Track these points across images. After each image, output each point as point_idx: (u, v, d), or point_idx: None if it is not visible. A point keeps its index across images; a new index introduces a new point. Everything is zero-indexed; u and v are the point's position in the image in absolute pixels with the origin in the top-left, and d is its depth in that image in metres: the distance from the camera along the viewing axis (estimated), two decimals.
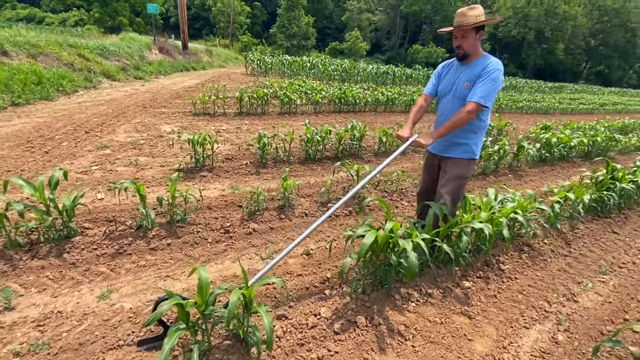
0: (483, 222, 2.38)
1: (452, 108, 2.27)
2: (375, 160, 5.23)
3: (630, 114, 17.16)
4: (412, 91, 11.70)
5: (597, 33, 53.71)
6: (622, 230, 3.69)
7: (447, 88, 2.33)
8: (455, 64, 2.35)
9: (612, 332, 2.17)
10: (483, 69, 2.15)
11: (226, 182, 3.82)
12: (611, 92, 33.54)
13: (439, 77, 2.43)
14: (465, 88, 2.20)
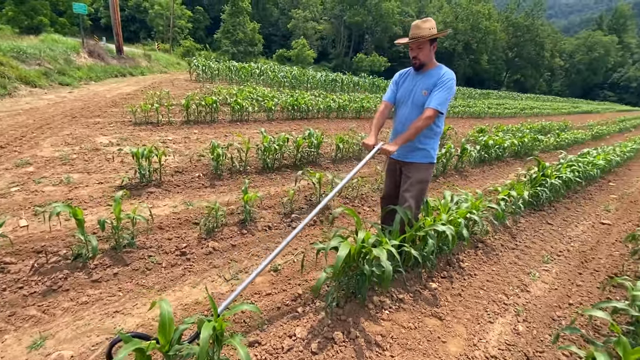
0: (445, 224, 2.47)
1: (410, 114, 2.37)
2: (333, 167, 5.25)
3: (544, 116, 19.70)
4: (360, 98, 12.08)
5: (513, 46, 61.20)
6: (554, 221, 4.14)
7: (405, 95, 2.42)
8: (412, 73, 2.45)
9: (561, 317, 2.38)
10: (438, 78, 2.26)
11: (178, 198, 3.51)
12: (528, 97, 38.28)
13: (397, 84, 2.52)
14: (423, 96, 2.29)
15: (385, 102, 2.52)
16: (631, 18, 74.69)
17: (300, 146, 4.82)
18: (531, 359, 1.98)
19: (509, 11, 61.33)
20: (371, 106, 10.70)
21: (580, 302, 2.57)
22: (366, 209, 3.88)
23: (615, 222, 4.39)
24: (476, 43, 53.23)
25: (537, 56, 61.70)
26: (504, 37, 58.08)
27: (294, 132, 7.25)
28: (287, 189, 4.14)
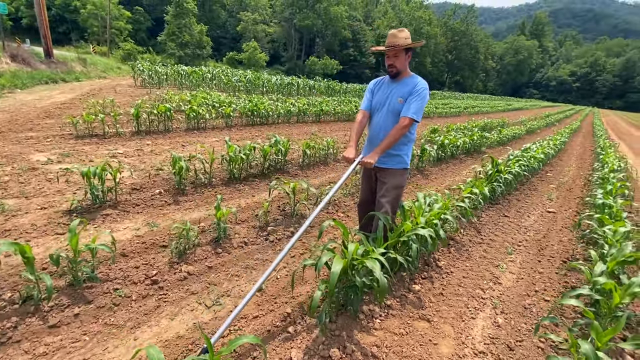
0: (425, 227, 2.54)
1: (385, 120, 2.42)
2: (302, 174, 5.19)
3: (484, 114, 21.52)
4: (319, 102, 12.16)
5: (452, 50, 66.20)
6: (509, 213, 4.51)
7: (381, 102, 2.46)
8: (387, 81, 2.50)
9: (531, 305, 2.57)
10: (413, 87, 2.33)
11: (139, 219, 3.20)
12: (468, 97, 41.57)
13: (372, 93, 2.56)
14: (399, 103, 2.35)
15: (363, 111, 2.54)
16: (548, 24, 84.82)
17: (267, 154, 4.69)
18: (514, 349, 2.10)
19: (446, 17, 66.20)
20: (330, 109, 10.82)
21: (544, 289, 2.81)
22: (340, 214, 3.88)
23: (558, 209, 4.89)
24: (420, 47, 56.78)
25: (473, 59, 67.45)
26: (444, 41, 62.53)
27: (256, 138, 7.06)
28: (257, 200, 4.00)
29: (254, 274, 2.58)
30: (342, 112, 11.27)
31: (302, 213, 3.67)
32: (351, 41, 52.10)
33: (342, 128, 10.03)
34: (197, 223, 3.21)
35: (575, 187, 6.30)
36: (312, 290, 2.42)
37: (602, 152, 8.43)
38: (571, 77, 79.66)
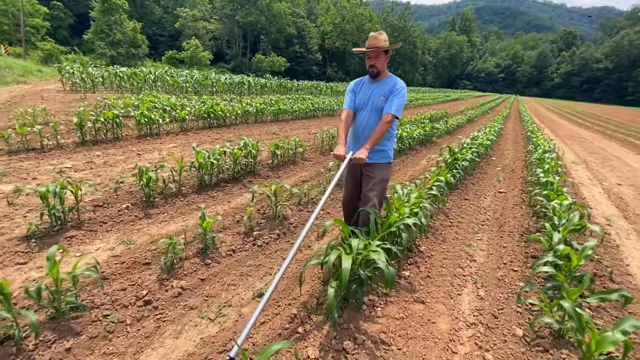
0: (410, 217, 2.72)
1: (369, 118, 2.58)
2: (273, 175, 5.15)
3: (428, 106, 23.01)
4: (275, 100, 12.04)
5: None
6: (469, 197, 4.96)
7: (363, 101, 2.61)
8: (367, 81, 2.66)
9: (503, 276, 2.90)
10: (393, 86, 2.51)
11: (111, 237, 2.96)
12: (411, 90, 43.94)
13: (354, 92, 2.70)
14: (381, 102, 2.52)
15: (348, 110, 2.65)
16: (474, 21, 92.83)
17: (238, 158, 4.57)
18: (498, 317, 2.37)
19: (385, 14, 69.05)
20: (288, 108, 10.78)
21: (511, 261, 3.17)
22: (320, 212, 3.95)
23: (507, 190, 5.50)
24: (363, 43, 58.43)
25: (412, 54, 71.34)
26: None
27: (216, 142, 6.82)
28: (235, 205, 3.90)
29: (251, 281, 2.55)
30: (300, 110, 11.30)
31: (284, 215, 3.67)
32: (296, 38, 52.01)
33: (302, 126, 10.07)
34: (177, 235, 3.05)
35: (516, 168, 7.10)
36: (312, 290, 2.47)
37: (533, 136, 9.57)
38: (496, 68, 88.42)
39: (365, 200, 2.63)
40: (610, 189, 6.10)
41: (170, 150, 5.97)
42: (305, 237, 3.14)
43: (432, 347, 2.04)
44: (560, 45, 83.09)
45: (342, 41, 56.43)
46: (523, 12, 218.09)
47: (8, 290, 1.67)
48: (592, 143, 12.49)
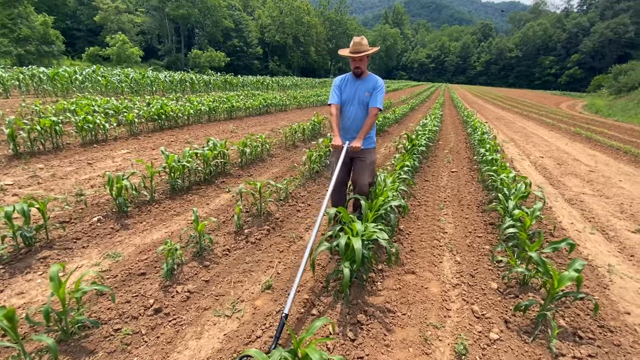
0: (394, 199, 3.01)
1: (357, 111, 2.99)
2: (244, 173, 5.13)
3: None
4: (226, 97, 11.69)
5: (332, 38, 70.53)
6: (428, 178, 5.47)
7: (350, 97, 2.99)
8: (350, 79, 3.04)
9: (472, 243, 3.35)
10: (375, 83, 2.96)
11: (92, 253, 2.78)
12: None
13: (340, 89, 3.05)
14: (366, 96, 2.93)
15: (336, 105, 3.00)
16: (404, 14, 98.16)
17: (209, 159, 4.48)
18: (475, 275, 2.77)
19: (322, 7, 69.77)
20: (241, 105, 10.56)
21: (474, 229, 3.66)
22: (302, 205, 4.09)
23: (457, 169, 6.17)
24: (302, 36, 58.51)
25: None
26: (323, 30, 66.07)
27: (173, 144, 6.53)
28: (215, 207, 3.86)
29: (255, 276, 2.62)
30: (253, 106, 11.14)
31: (269, 211, 3.74)
32: (234, 31, 50.19)
33: (258, 122, 9.97)
34: (165, 243, 2.98)
35: (460, 149, 7.94)
36: (315, 276, 2.63)
37: (469, 120, 10.69)
38: (427, 59, 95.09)
39: (361, 180, 2.98)
40: (536, 162, 7.17)
41: (125, 157, 5.57)
42: (294, 230, 3.31)
43: (430, 308, 2.35)
44: (479, 36, 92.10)
45: (282, 34, 55.84)
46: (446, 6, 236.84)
47: (15, 317, 1.56)
48: (515, 123, 14.30)
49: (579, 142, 10.02)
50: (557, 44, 73.12)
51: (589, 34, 65.46)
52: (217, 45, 47.47)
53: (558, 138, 10.63)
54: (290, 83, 27.27)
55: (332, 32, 70.18)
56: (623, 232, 3.73)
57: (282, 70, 57.06)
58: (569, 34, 71.10)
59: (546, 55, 74.93)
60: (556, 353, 1.96)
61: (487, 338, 2.09)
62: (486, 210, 4.08)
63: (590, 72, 60.83)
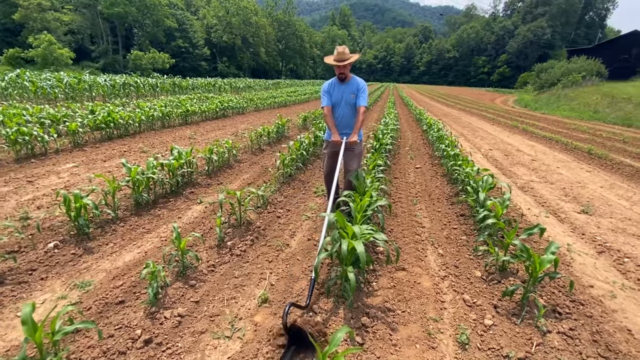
0: (379, 199, 3.07)
1: (344, 111, 3.43)
2: (213, 182, 4.88)
3: None
4: (178, 101, 11.03)
5: (282, 39, 70.09)
6: (397, 175, 5.67)
7: (339, 99, 3.41)
8: (336, 83, 3.43)
9: (449, 235, 3.53)
10: (358, 85, 3.35)
11: (55, 285, 2.44)
12: (307, 83, 45.56)
13: (329, 93, 3.45)
14: (352, 98, 3.36)
15: (328, 107, 3.43)
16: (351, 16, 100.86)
17: (175, 169, 4.18)
18: (459, 266, 2.93)
19: (269, 8, 68.99)
20: (196, 109, 10.04)
21: (448, 221, 3.87)
22: (281, 211, 3.99)
23: (421, 164, 6.48)
24: (252, 37, 57.29)
25: (300, 47, 73.50)
26: (272, 31, 65.37)
27: (127, 155, 6.01)
28: (187, 221, 3.62)
29: (248, 290, 2.50)
30: (209, 110, 10.65)
31: (249, 220, 3.60)
32: (178, 31, 47.54)
33: (217, 127, 9.56)
34: (139, 264, 2.72)
35: (420, 146, 8.36)
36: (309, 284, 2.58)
37: (422, 117, 11.31)
38: (375, 60, 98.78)
39: (352, 169, 3.45)
40: (487, 154, 7.81)
41: (72, 171, 4.99)
42: (278, 237, 3.23)
43: (426, 302, 2.43)
44: (421, 38, 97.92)
45: (230, 35, 54.16)
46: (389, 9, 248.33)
47: None
48: (461, 119, 15.43)
49: (518, 134, 11.11)
50: (488, 45, 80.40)
51: (514, 36, 72.98)
52: (160, 46, 44.61)
53: (500, 131, 11.68)
54: (243, 85, 26.61)
55: (282, 33, 69.68)
56: (571, 214, 4.21)
57: (232, 71, 55.31)
58: (497, 36, 78.58)
59: (479, 55, 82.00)
60: (544, 331, 2.14)
61: (482, 325, 2.22)
62: (456, 202, 4.34)
63: (517, 70, 67.86)
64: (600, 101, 19.92)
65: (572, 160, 7.36)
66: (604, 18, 75.42)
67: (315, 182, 5.18)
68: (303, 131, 9.55)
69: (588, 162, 7.19)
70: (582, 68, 28.54)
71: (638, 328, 2.23)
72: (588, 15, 74.31)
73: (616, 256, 3.17)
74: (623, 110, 17.21)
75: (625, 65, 32.46)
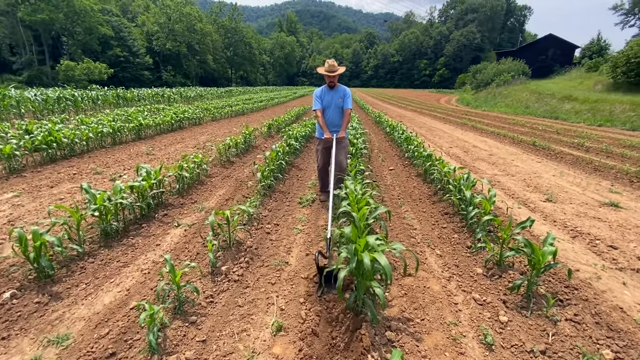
0: (377, 206, 3.03)
1: (334, 112, 4.17)
2: (187, 201, 4.50)
3: (283, 104, 24.18)
4: (127, 114, 10.15)
5: (229, 46, 68.40)
6: (375, 178, 5.73)
7: (329, 103, 4.14)
8: (326, 90, 4.15)
9: (440, 234, 3.61)
10: (344, 91, 4.14)
11: (23, 344, 2.03)
12: (261, 90, 44.84)
13: (321, 98, 4.13)
14: (340, 102, 4.12)
15: (320, 110, 4.13)
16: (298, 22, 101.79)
17: (146, 191, 3.78)
18: (459, 265, 2.99)
19: (214, 15, 67.05)
20: (150, 122, 9.30)
21: (436, 221, 3.97)
22: (269, 226, 3.78)
23: (394, 166, 6.64)
24: (197, 44, 55.08)
25: (249, 54, 72.27)
26: (219, 38, 63.56)
27: (77, 177, 5.35)
28: (169, 248, 3.27)
29: (257, 319, 2.29)
30: (164, 122, 9.95)
31: (238, 239, 3.35)
32: (115, 39, 44.08)
33: (175, 140, 8.94)
34: (124, 305, 2.38)
35: (387, 148, 8.59)
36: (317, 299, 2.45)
37: (381, 120, 11.68)
38: None
39: (340, 160, 4.03)
40: (448, 152, 8.25)
41: (13, 202, 4.29)
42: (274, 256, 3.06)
43: (441, 307, 2.43)
44: (366, 43, 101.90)
45: (174, 42, 51.53)
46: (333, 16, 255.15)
47: None
48: (415, 120, 16.23)
49: (469, 131, 11.96)
50: (428, 49, 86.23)
51: (449, 41, 79.17)
52: (95, 56, 40.91)
53: (453, 129, 12.48)
54: (194, 94, 25.20)
55: (229, 39, 68.00)
56: (539, 203, 4.56)
57: (179, 80, 52.56)
58: (435, 41, 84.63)
59: (421, 59, 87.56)
60: (555, 320, 2.24)
61: (499, 322, 2.26)
62: (437, 201, 4.48)
63: (454, 72, 73.62)
64: (529, 97, 22.28)
65: (522, 152, 8.07)
66: (522, 23, 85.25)
67: (296, 191, 5.04)
68: (269, 139, 9.32)
69: (535, 153, 7.94)
70: (510, 68, 31.73)
71: (627, 305, 2.44)
72: (510, 21, 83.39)
73: (588, 239, 3.48)
74: (549, 104, 19.41)
75: (544, 65, 36.75)
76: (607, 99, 16.63)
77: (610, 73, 20.15)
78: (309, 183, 5.49)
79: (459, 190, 3.89)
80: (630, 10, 38.22)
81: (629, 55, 18.18)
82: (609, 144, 8.53)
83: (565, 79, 29.16)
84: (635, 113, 13.56)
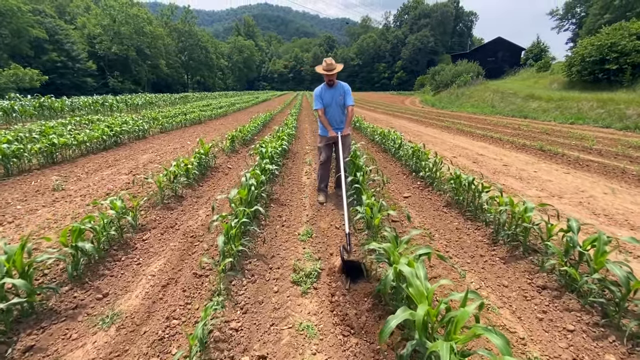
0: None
1: (335, 110, 4.24)
2: (82, 303, 3.90)
3: (246, 110, 22.50)
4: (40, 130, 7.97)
5: (183, 50, 65.44)
6: None
7: (330, 101, 4.19)
8: (325, 88, 4.19)
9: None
10: (344, 88, 4.17)
11: None
12: (221, 95, 43.09)
13: (321, 97, 4.18)
14: (341, 99, 4.17)
15: (322, 109, 4.18)
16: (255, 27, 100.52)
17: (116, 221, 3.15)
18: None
19: (166, 17, 63.83)
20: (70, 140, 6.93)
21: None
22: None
23: (408, 192, 6.46)
24: (148, 48, 51.77)
25: (206, 59, 69.65)
26: (172, 42, 60.53)
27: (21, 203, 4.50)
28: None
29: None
30: (92, 139, 7.59)
31: None
32: (50, 43, 39.77)
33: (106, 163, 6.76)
34: None
35: (383, 162, 8.24)
36: None
37: (361, 125, 11.50)
38: (285, 69, 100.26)
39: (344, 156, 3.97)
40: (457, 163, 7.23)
41: None
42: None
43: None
44: (326, 47, 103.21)
45: (120, 46, 47.84)
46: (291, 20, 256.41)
47: None
48: (393, 123, 15.55)
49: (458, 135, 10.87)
50: (386, 52, 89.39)
51: (405, 44, 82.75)
52: (27, 61, 36.64)
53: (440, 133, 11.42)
54: (143, 101, 21.97)
55: (183, 43, 64.99)
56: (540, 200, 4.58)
57: (128, 87, 48.80)
58: (392, 45, 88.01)
59: (379, 62, 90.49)
60: None
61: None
62: (517, 258, 4.32)
63: (412, 74, 76.96)
64: (493, 97, 23.38)
65: (538, 160, 6.90)
66: (470, 28, 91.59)
67: (285, 253, 3.19)
68: (233, 156, 7.46)
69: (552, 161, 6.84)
70: (466, 70, 33.42)
71: None
72: (459, 26, 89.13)
73: None
74: (514, 103, 20.39)
75: (495, 66, 39.14)
76: (572, 97, 16.71)
77: (566, 72, 20.46)
78: (302, 231, 3.60)
79: (526, 231, 2.76)
80: (564, 16, 42.44)
81: (583, 55, 18.55)
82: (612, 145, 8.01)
83: (517, 79, 30.24)
84: (604, 110, 13.79)
